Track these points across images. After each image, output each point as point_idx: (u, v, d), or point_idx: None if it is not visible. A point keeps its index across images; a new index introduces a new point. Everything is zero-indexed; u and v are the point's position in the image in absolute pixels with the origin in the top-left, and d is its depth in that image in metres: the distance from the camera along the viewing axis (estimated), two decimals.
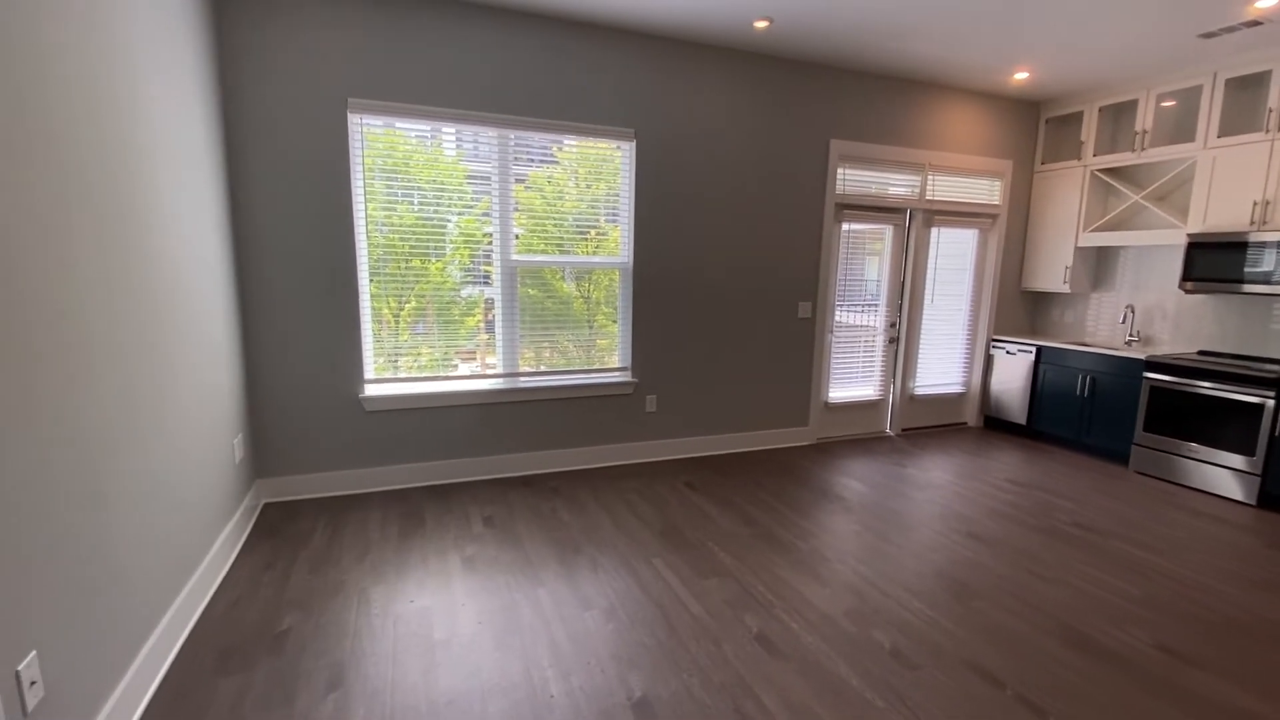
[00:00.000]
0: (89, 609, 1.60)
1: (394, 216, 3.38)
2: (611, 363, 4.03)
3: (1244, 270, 3.81)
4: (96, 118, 1.73)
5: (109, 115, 1.80)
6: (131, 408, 1.87)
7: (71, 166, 1.59)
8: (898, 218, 4.73)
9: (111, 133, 1.81)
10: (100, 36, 1.77)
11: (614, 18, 3.49)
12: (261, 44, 3.00)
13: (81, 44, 1.66)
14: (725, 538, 3.04)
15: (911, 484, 3.89)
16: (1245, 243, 3.81)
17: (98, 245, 1.71)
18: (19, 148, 1.38)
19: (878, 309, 4.83)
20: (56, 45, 1.54)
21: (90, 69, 1.71)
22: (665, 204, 3.94)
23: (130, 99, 1.94)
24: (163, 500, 2.06)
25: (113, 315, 1.78)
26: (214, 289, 2.71)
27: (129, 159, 1.92)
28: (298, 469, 3.37)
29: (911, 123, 4.55)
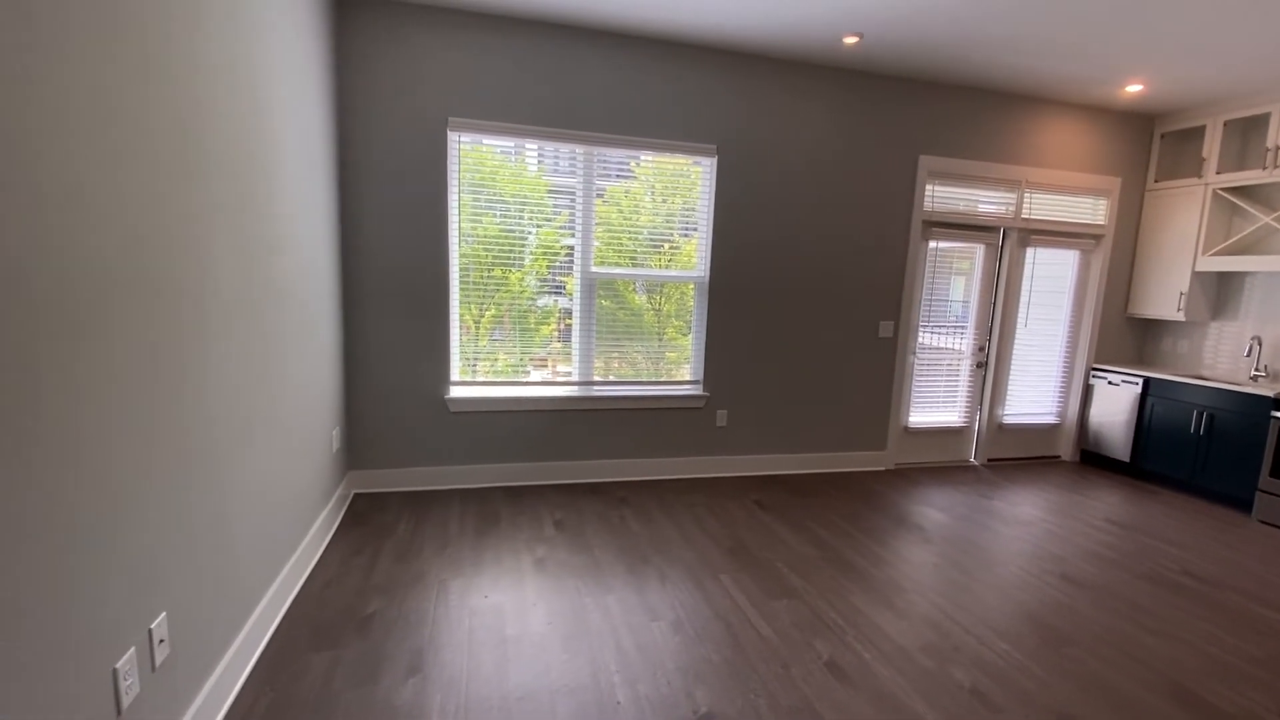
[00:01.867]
0: (208, 578, 1.77)
1: (479, 228, 3.55)
2: (681, 375, 4.05)
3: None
4: (240, 136, 1.93)
5: (248, 134, 2.01)
6: (253, 398, 2.05)
7: (214, 177, 1.79)
8: (990, 236, 4.52)
9: (248, 148, 2.02)
10: (243, 70, 1.98)
11: (700, 37, 3.55)
12: (373, 70, 3.25)
13: (231, 82, 1.87)
14: (795, 559, 2.98)
15: (997, 517, 3.67)
16: None
17: (233, 250, 1.90)
18: (177, 161, 1.57)
19: (965, 331, 4.62)
20: (212, 84, 1.74)
21: (234, 95, 1.91)
22: (744, 218, 3.94)
23: (264, 119, 2.16)
24: (271, 483, 2.25)
25: (242, 313, 1.97)
26: (324, 291, 2.94)
27: (261, 168, 2.13)
28: (385, 463, 3.58)
29: (1007, 138, 4.35)
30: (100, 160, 1.26)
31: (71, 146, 1.18)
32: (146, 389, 1.43)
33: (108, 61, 1.28)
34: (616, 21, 3.39)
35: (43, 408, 1.11)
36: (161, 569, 1.52)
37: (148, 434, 1.44)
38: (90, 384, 1.24)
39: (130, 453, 1.38)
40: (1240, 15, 2.97)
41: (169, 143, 1.52)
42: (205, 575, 1.74)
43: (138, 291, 1.40)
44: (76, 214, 1.19)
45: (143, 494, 1.43)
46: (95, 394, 1.25)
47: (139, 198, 1.40)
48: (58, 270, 1.14)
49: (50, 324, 1.13)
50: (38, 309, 1.09)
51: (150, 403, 1.45)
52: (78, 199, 1.19)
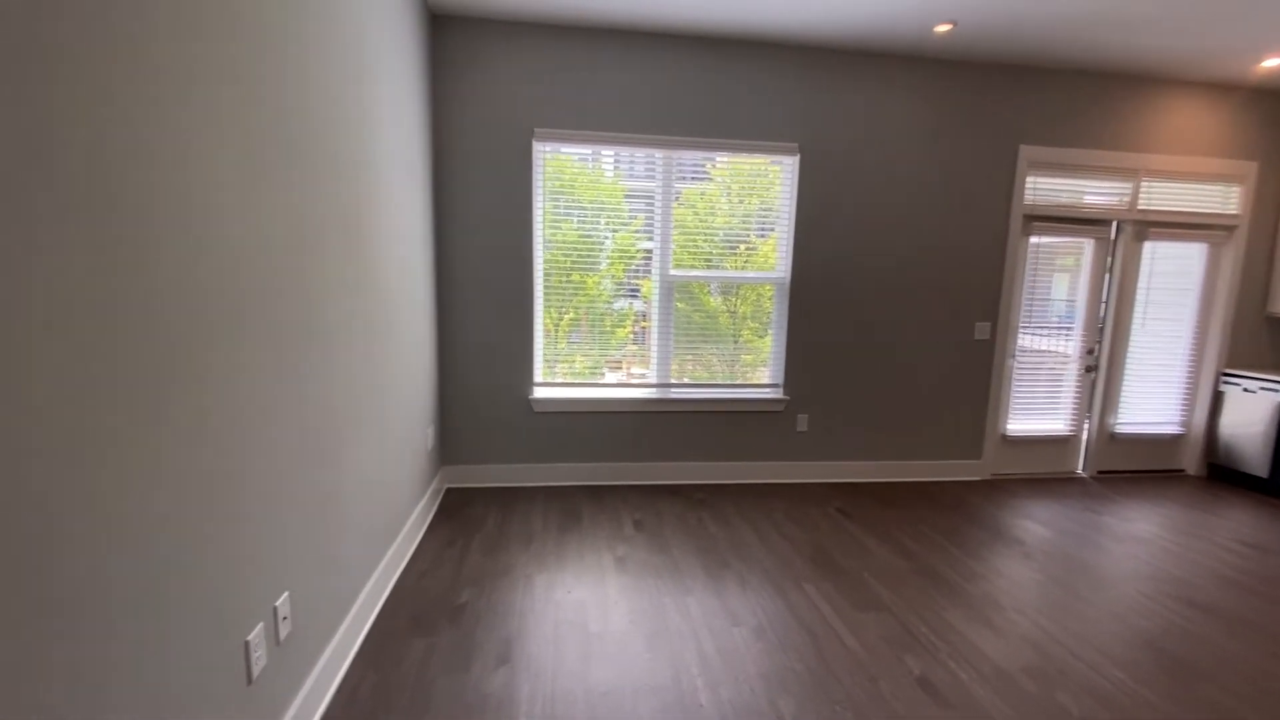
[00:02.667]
0: (321, 563, 1.92)
1: (559, 234, 3.66)
2: (759, 379, 3.99)
3: None
4: (350, 151, 2.09)
5: (357, 150, 2.17)
6: (362, 397, 2.21)
7: (329, 194, 1.94)
8: (1100, 230, 4.18)
9: (357, 163, 2.18)
10: (356, 90, 2.14)
11: (783, 35, 3.49)
12: (464, 84, 3.42)
13: (343, 104, 2.03)
14: (882, 570, 2.87)
15: (1109, 534, 3.39)
16: None
17: (345, 260, 2.06)
18: (298, 179, 1.72)
19: (1071, 333, 4.29)
20: (329, 106, 1.90)
21: (347, 115, 2.07)
22: (828, 217, 3.84)
23: (370, 135, 2.32)
24: (376, 477, 2.41)
25: (352, 317, 2.13)
26: (421, 296, 3.12)
27: (368, 184, 2.29)
28: (474, 459, 3.75)
29: (1120, 123, 4.01)
30: (235, 182, 1.40)
31: (219, 175, 1.32)
32: (274, 389, 1.58)
33: (249, 103, 1.42)
34: (696, 24, 3.40)
35: (185, 402, 1.25)
36: (284, 551, 1.66)
37: (275, 428, 1.59)
38: (226, 384, 1.38)
39: (260, 444, 1.52)
40: None
41: (293, 162, 1.67)
42: (319, 559, 1.89)
43: (266, 297, 1.54)
44: (214, 227, 1.33)
45: (269, 481, 1.57)
46: (230, 392, 1.40)
47: (270, 212, 1.54)
48: (192, 277, 1.28)
49: (199, 326, 1.27)
50: (189, 314, 1.23)
51: (276, 400, 1.60)
52: (218, 218, 1.34)
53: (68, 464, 0.95)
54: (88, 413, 0.98)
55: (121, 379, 1.06)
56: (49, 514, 0.91)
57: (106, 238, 1.02)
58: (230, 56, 1.36)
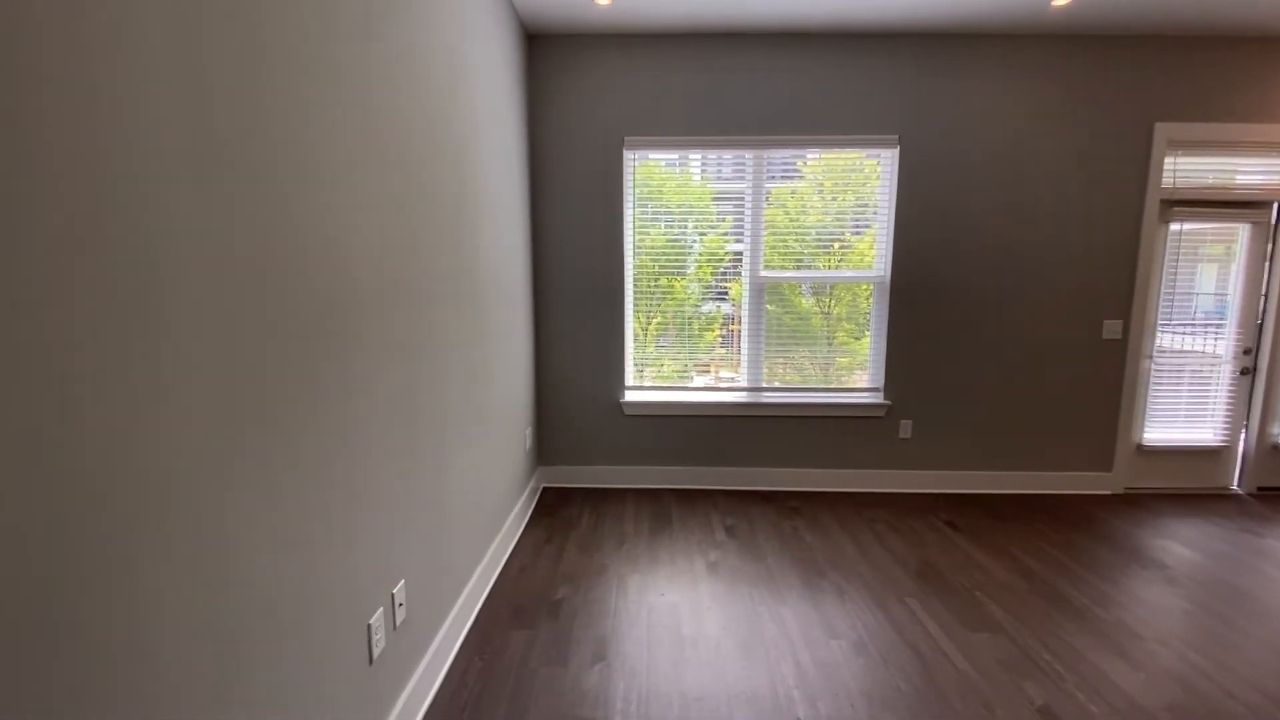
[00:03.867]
0: (433, 553, 2.04)
1: (647, 239, 3.70)
2: (856, 382, 3.83)
3: None
4: (458, 166, 2.23)
5: (463, 160, 2.30)
6: (466, 397, 2.34)
7: (440, 208, 2.08)
8: (1258, 213, 3.68)
9: (462, 176, 2.31)
10: (463, 106, 2.28)
11: (882, 23, 3.35)
12: (557, 96, 3.54)
13: (450, 119, 2.16)
14: (997, 589, 2.67)
15: (1272, 559, 2.97)
16: None
17: (452, 265, 2.19)
18: (416, 193, 1.85)
19: (1222, 330, 3.80)
20: (438, 126, 2.03)
21: (455, 130, 2.21)
22: (931, 212, 3.63)
23: (475, 147, 2.46)
24: (481, 474, 2.55)
25: (459, 325, 2.26)
26: (520, 302, 3.26)
27: (473, 195, 2.43)
28: (569, 460, 3.86)
29: (1275, 92, 3.52)
30: (357, 200, 1.54)
31: (340, 197, 1.45)
32: (393, 397, 1.71)
33: (368, 135, 1.55)
34: (783, 20, 3.33)
35: (329, 410, 1.38)
36: (401, 542, 1.79)
37: (395, 431, 1.72)
38: (356, 394, 1.51)
39: (383, 447, 1.65)
40: None
41: (412, 176, 1.80)
42: (431, 551, 2.02)
43: (382, 309, 1.67)
44: (345, 243, 1.46)
45: (391, 479, 1.70)
46: (356, 389, 1.52)
47: (381, 221, 1.67)
48: (320, 285, 1.41)
49: (329, 328, 1.40)
50: (320, 318, 1.36)
51: (396, 407, 1.73)
52: (350, 234, 1.47)
53: (226, 469, 1.07)
54: (238, 420, 1.11)
55: (275, 394, 1.19)
56: (221, 519, 1.04)
57: (259, 247, 1.15)
58: (342, 60, 1.50)
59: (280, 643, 1.23)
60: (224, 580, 1.07)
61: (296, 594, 1.28)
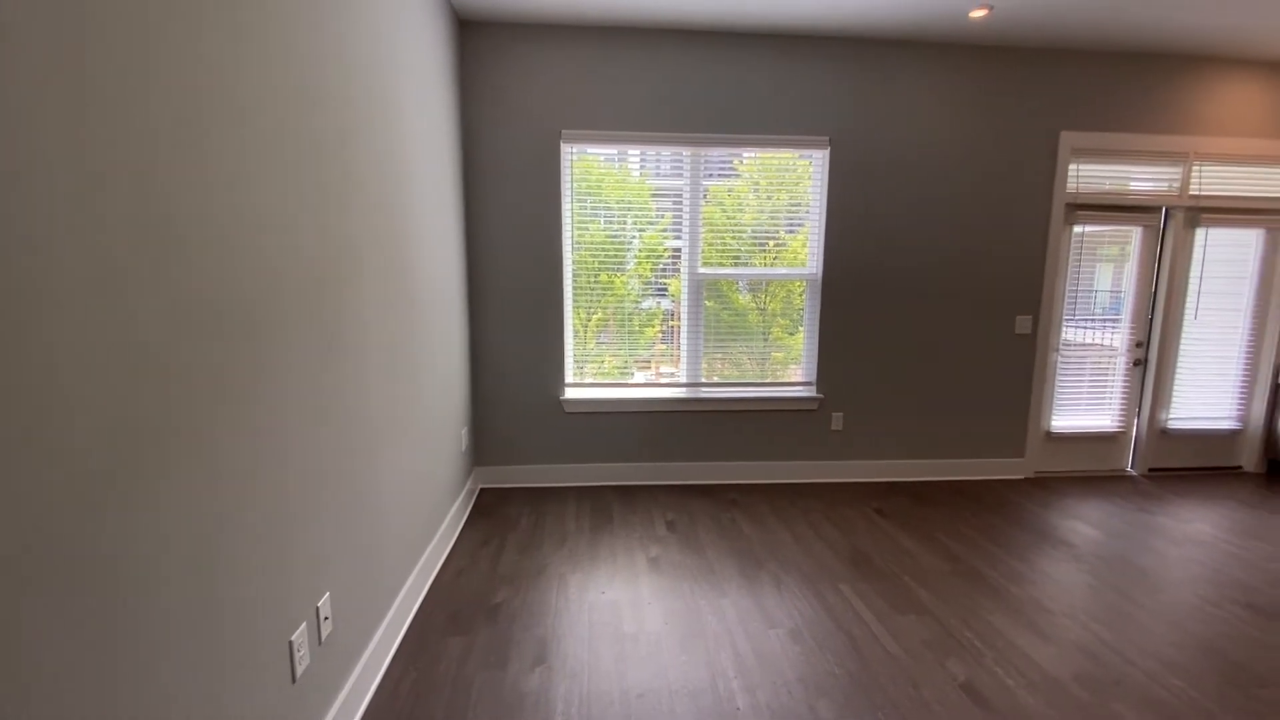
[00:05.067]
0: (362, 562, 1.95)
1: (586, 235, 3.66)
2: (790, 376, 3.94)
3: None
4: (381, 158, 2.12)
5: (388, 156, 2.20)
6: (395, 396, 2.24)
7: (362, 199, 1.97)
8: (1149, 217, 4.01)
9: (388, 171, 2.21)
10: (379, 95, 2.17)
11: (811, 25, 3.43)
12: (492, 87, 3.44)
13: (370, 108, 2.06)
14: (922, 572, 2.80)
15: (1163, 535, 3.25)
16: None
17: (380, 264, 2.09)
18: (336, 185, 1.75)
19: (1119, 325, 4.13)
20: (361, 114, 1.93)
21: (375, 121, 2.10)
22: (860, 211, 3.76)
23: (401, 140, 2.35)
24: (413, 477, 2.45)
25: (389, 323, 2.16)
26: (453, 299, 3.16)
27: (398, 187, 2.32)
28: (508, 460, 3.78)
29: (1167, 105, 3.84)
30: (273, 188, 1.43)
31: (262, 197, 1.35)
32: (314, 393, 1.61)
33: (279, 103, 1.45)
34: (720, 19, 3.36)
35: (236, 403, 1.28)
36: (326, 551, 1.69)
37: (317, 430, 1.62)
38: (269, 383, 1.41)
39: (303, 446, 1.55)
40: None
41: (331, 168, 1.70)
42: (359, 560, 1.92)
43: (305, 300, 1.57)
44: (253, 230, 1.36)
45: (311, 484, 1.61)
46: (274, 391, 1.42)
47: (306, 219, 1.57)
48: (234, 280, 1.31)
49: (231, 325, 1.30)
50: (222, 314, 1.26)
51: (316, 404, 1.63)
52: (255, 216, 1.37)
53: (118, 457, 0.97)
54: (142, 408, 1.01)
55: (177, 377, 1.09)
56: (98, 511, 0.94)
57: (159, 239, 1.05)
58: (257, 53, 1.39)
59: (191, 671, 1.13)
60: (115, 602, 0.97)
61: (207, 615, 1.19)
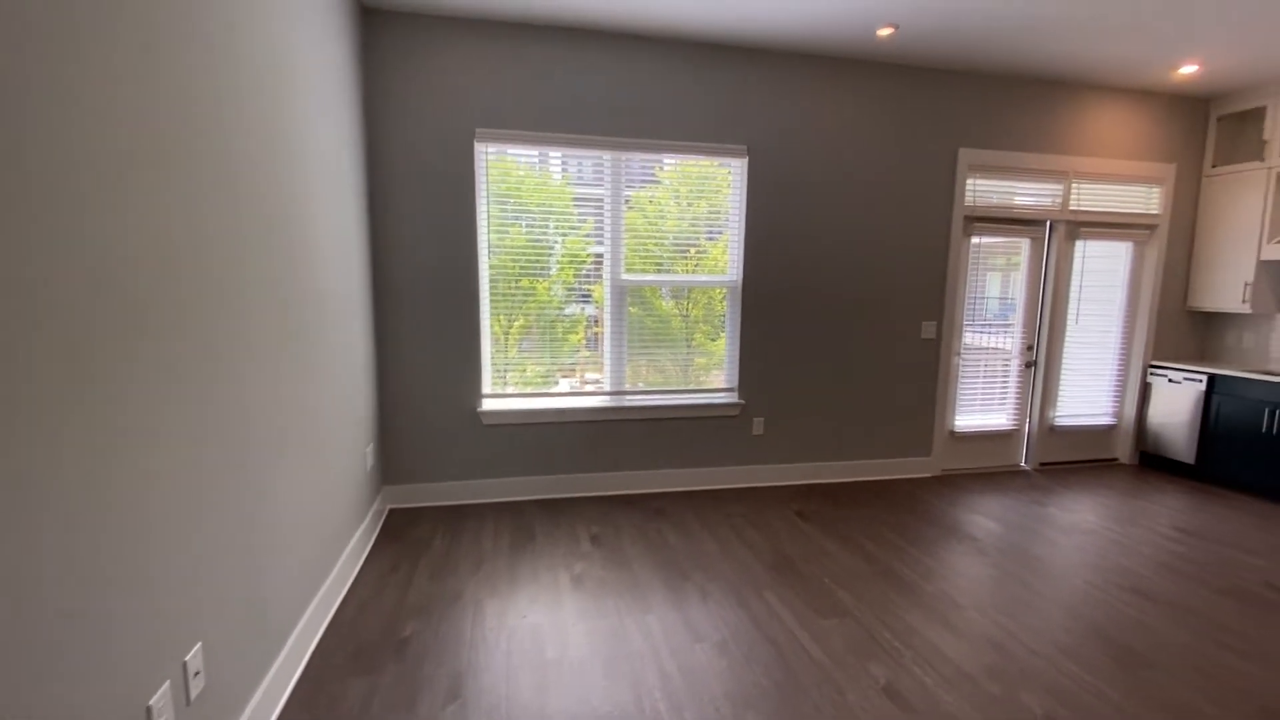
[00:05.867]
0: (245, 602, 1.73)
1: (506, 239, 3.52)
2: (713, 382, 3.94)
3: None
4: (271, 153, 1.91)
5: (279, 152, 1.99)
6: (287, 416, 2.02)
7: (242, 194, 1.76)
8: (1035, 230, 4.32)
9: (279, 165, 1.99)
10: (271, 89, 1.96)
11: (728, 35, 3.46)
12: (400, 84, 3.24)
13: (260, 101, 1.85)
14: (843, 574, 2.84)
15: (1055, 526, 3.48)
16: None
17: (266, 263, 1.87)
18: (211, 180, 1.54)
19: (1012, 330, 4.42)
20: (243, 105, 1.72)
21: (263, 113, 1.89)
22: (778, 220, 3.83)
23: (293, 136, 2.14)
24: (305, 503, 2.22)
25: (275, 334, 1.94)
26: (356, 307, 2.92)
27: (289, 183, 2.11)
28: (420, 478, 3.55)
29: (1051, 127, 4.16)
30: (133, 182, 1.23)
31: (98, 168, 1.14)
32: (175, 405, 1.40)
33: (144, 84, 1.25)
34: (643, 23, 3.32)
35: (86, 414, 1.07)
36: (199, 594, 1.48)
37: (190, 456, 1.41)
38: (133, 406, 1.20)
39: (168, 471, 1.34)
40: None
41: (209, 169, 1.49)
42: (242, 599, 1.70)
43: (180, 313, 1.36)
44: (112, 218, 1.16)
45: (180, 517, 1.39)
46: (137, 416, 1.22)
47: (172, 209, 1.37)
48: (89, 272, 1.11)
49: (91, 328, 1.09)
50: (78, 312, 1.06)
51: (191, 426, 1.41)
52: (120, 208, 1.16)
53: None
54: None
55: (17, 418, 0.88)
56: None
57: None
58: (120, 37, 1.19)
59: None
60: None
61: (20, 697, 0.98)
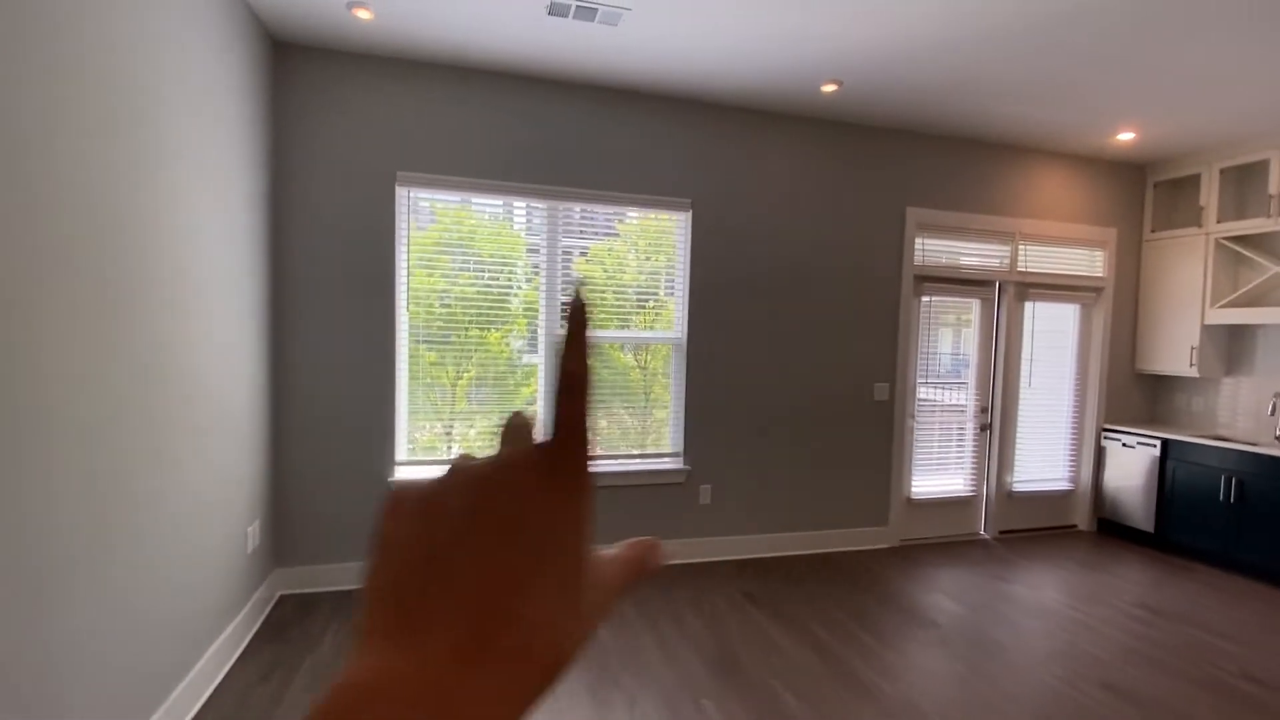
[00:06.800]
0: None
1: (456, 287, 3.27)
2: (665, 445, 3.65)
3: None
4: (137, 192, 1.59)
5: (145, 182, 1.67)
6: (119, 502, 1.63)
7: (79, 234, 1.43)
8: (985, 291, 4.25)
9: (143, 202, 1.67)
10: (127, 124, 1.66)
11: (671, 87, 3.33)
12: (317, 118, 2.98)
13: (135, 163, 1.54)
14: (793, 673, 2.52)
15: (1019, 606, 3.23)
16: None
17: (106, 330, 1.53)
18: None
19: (966, 391, 4.28)
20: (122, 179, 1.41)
21: (134, 147, 1.58)
22: (723, 276, 3.64)
23: (168, 167, 1.82)
24: (151, 600, 1.80)
25: (110, 402, 1.57)
26: (242, 376, 2.55)
27: (156, 220, 1.78)
28: (319, 558, 3.11)
29: (998, 189, 4.15)
30: None
31: None
32: None
33: None
34: (580, 71, 3.17)
35: None
36: None
37: None
38: None
39: None
40: (1235, 63, 2.78)
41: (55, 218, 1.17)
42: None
43: None
44: None
45: None
46: None
47: None
48: None
49: None
50: None
51: None
52: None
53: None
54: None
55: None
56: None
57: None
58: None
59: None
60: None
61: None
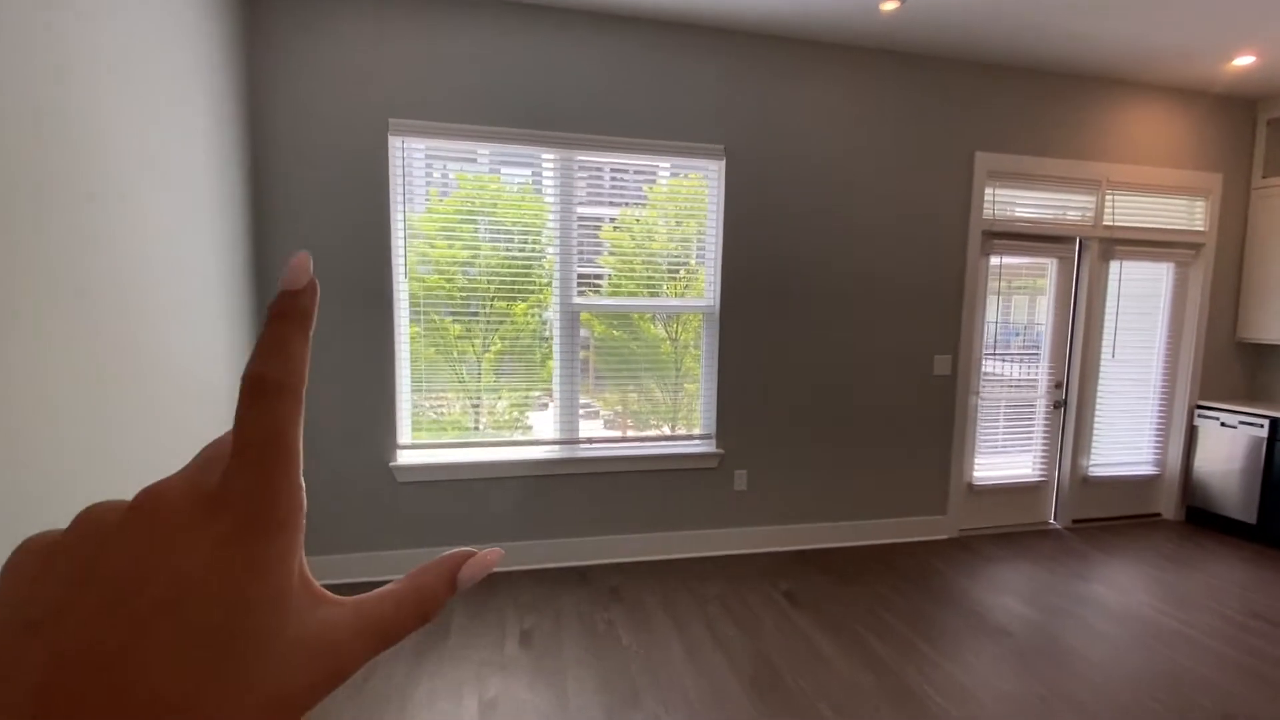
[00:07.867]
0: None
1: (479, 258, 2.97)
2: (696, 425, 3.29)
3: None
4: None
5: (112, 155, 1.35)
6: None
7: None
8: (1064, 249, 3.71)
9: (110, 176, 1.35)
10: None
11: (701, 15, 2.87)
12: (300, 60, 2.63)
13: None
14: (843, 692, 2.17)
15: (1102, 611, 2.81)
16: None
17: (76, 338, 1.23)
18: None
19: (1039, 364, 3.78)
20: None
21: None
22: (761, 237, 3.20)
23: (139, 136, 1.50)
24: None
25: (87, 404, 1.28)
26: (222, 359, 2.27)
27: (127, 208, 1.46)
28: (309, 550, 2.87)
29: (1083, 129, 3.57)
30: None
31: None
32: None
33: None
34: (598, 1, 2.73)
35: None
36: None
37: None
38: None
39: None
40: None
41: None
42: None
43: None
44: None
45: None
46: None
47: None
48: None
49: None
50: None
51: None
52: None
53: None
54: None
55: None
56: None
57: None
58: None
59: None
60: None
61: None
